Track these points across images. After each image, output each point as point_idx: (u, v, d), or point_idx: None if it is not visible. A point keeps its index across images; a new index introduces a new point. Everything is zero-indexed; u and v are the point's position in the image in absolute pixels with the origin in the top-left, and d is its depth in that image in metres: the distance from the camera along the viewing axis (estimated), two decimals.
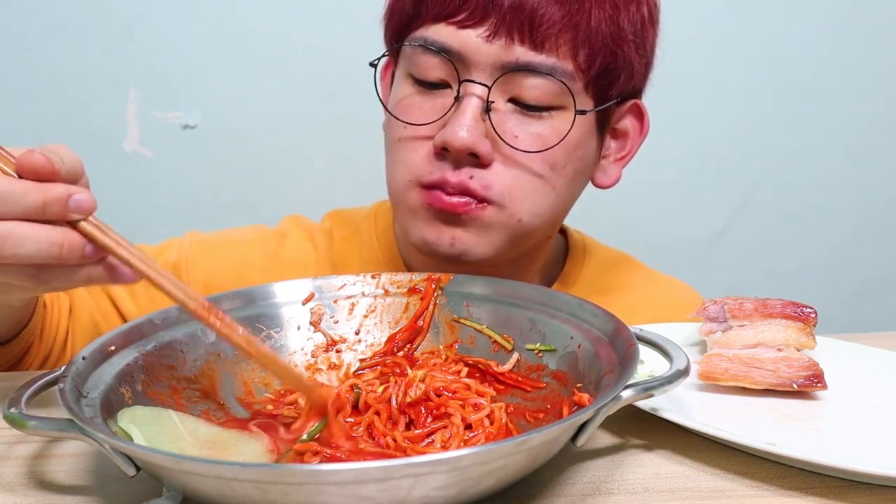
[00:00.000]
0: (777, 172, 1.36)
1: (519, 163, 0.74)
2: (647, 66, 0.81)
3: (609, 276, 0.94)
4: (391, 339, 0.67)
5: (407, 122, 0.75)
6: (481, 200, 0.74)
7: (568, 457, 0.54)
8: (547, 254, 0.90)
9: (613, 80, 0.76)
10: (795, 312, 0.66)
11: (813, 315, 0.66)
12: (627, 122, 0.83)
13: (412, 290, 0.68)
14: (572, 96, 0.73)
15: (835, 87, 1.34)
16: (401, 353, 0.66)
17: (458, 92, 0.73)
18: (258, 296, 0.66)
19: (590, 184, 0.84)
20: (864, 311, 1.42)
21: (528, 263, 0.86)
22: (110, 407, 0.52)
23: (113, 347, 0.56)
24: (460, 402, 0.56)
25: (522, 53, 0.71)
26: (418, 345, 0.67)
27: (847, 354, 0.69)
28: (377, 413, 0.56)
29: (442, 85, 0.75)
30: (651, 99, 1.34)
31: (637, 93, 0.82)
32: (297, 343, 0.66)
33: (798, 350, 0.64)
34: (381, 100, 0.82)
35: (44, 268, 0.51)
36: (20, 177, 0.50)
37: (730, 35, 1.30)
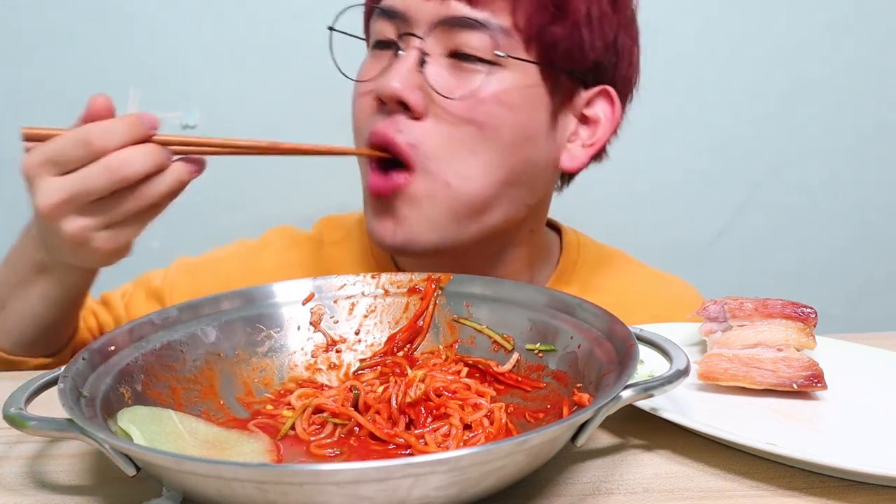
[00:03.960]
0: (777, 172, 1.36)
1: (450, 120, 0.75)
2: (605, 47, 0.79)
3: (605, 273, 0.93)
4: (391, 339, 0.67)
5: (354, 80, 0.80)
6: (405, 166, 0.75)
7: (568, 457, 0.54)
8: (534, 250, 0.89)
9: (557, 46, 0.76)
10: (795, 312, 0.66)
11: (813, 315, 0.66)
12: (599, 110, 0.82)
13: (412, 290, 0.68)
14: (509, 54, 0.74)
15: (835, 88, 1.34)
16: (401, 353, 0.66)
17: (399, 47, 0.76)
18: (258, 296, 0.66)
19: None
20: (864, 311, 1.42)
21: (511, 258, 0.86)
22: (110, 407, 0.52)
23: (113, 347, 0.56)
24: (460, 403, 0.56)
25: (458, 8, 0.74)
26: (418, 345, 0.66)
27: (847, 354, 0.69)
28: (377, 413, 0.56)
29: (390, 45, 0.78)
30: (651, 99, 1.34)
31: (606, 79, 0.81)
32: (297, 343, 0.66)
33: (798, 350, 0.64)
34: (335, 64, 0.83)
35: (148, 183, 0.63)
36: (96, 119, 0.63)
37: (730, 35, 1.30)
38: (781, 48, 1.32)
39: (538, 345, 0.62)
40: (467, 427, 0.54)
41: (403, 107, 0.74)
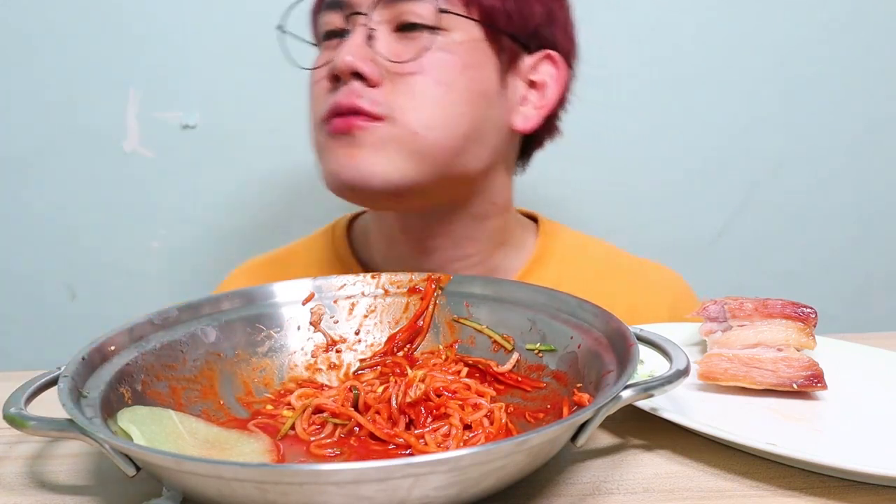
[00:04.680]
0: (777, 172, 1.36)
1: (406, 81, 0.77)
2: (544, 14, 0.84)
3: (582, 261, 0.94)
4: (391, 339, 0.67)
5: (308, 68, 0.83)
6: (373, 117, 0.77)
7: (568, 457, 0.54)
8: (503, 231, 0.91)
9: (497, 9, 0.80)
10: (795, 312, 0.66)
11: (813, 315, 0.66)
12: (544, 74, 0.86)
13: (412, 290, 0.68)
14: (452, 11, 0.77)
15: (836, 87, 1.34)
16: (401, 353, 0.66)
17: (345, 33, 0.79)
18: (258, 296, 0.66)
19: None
20: (864, 311, 1.42)
21: (478, 233, 0.88)
22: (110, 407, 0.52)
23: (113, 347, 0.56)
24: (460, 403, 0.56)
25: None
26: (418, 345, 0.67)
27: (847, 354, 0.69)
28: (377, 413, 0.56)
29: (340, 33, 0.81)
30: (651, 98, 1.34)
31: (547, 45, 0.86)
32: (297, 343, 0.66)
33: (798, 350, 0.64)
34: (288, 57, 0.85)
35: None
36: None
37: (729, 35, 1.30)
38: (781, 48, 1.32)
39: (538, 345, 0.62)
40: (467, 427, 0.54)
41: (359, 78, 0.77)
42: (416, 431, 0.54)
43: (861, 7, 1.32)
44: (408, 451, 0.53)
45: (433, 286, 0.68)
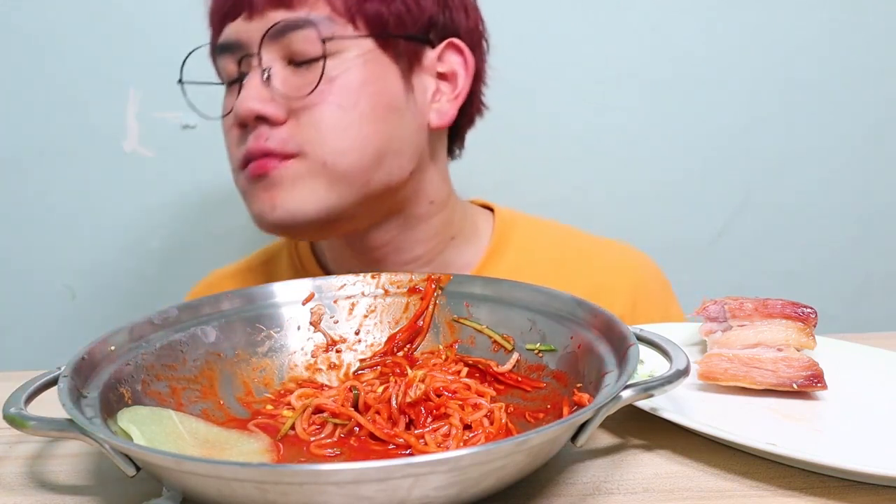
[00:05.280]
0: (777, 172, 1.36)
1: (309, 112, 0.78)
2: (434, 3, 0.83)
3: (541, 246, 0.94)
4: (391, 339, 0.67)
5: (213, 118, 0.84)
6: (283, 157, 0.78)
7: (568, 457, 0.54)
8: (449, 225, 0.90)
9: (383, 16, 0.79)
10: (795, 312, 0.66)
11: (813, 315, 0.66)
12: (452, 63, 0.85)
13: (412, 290, 0.68)
14: (338, 36, 0.77)
15: (835, 87, 1.34)
16: (401, 353, 0.66)
17: (241, 77, 0.80)
18: (258, 296, 0.66)
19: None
20: (864, 311, 1.42)
21: (423, 234, 0.88)
22: (110, 407, 0.52)
23: (113, 347, 0.56)
24: (460, 403, 0.56)
25: (277, 16, 0.77)
26: (418, 345, 0.67)
27: (847, 354, 0.69)
28: (377, 413, 0.56)
29: (239, 78, 0.81)
30: (651, 98, 1.34)
31: (449, 32, 0.85)
32: (297, 343, 0.66)
33: (798, 350, 0.64)
34: (195, 110, 0.87)
35: None
36: None
37: (729, 35, 1.30)
38: (781, 48, 1.32)
39: (538, 345, 0.62)
40: (467, 427, 0.54)
41: (263, 120, 0.78)
42: (416, 431, 0.54)
43: (861, 7, 1.32)
44: (408, 451, 0.53)
45: (433, 286, 0.68)
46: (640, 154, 1.33)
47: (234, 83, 0.82)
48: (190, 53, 0.84)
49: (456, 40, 0.85)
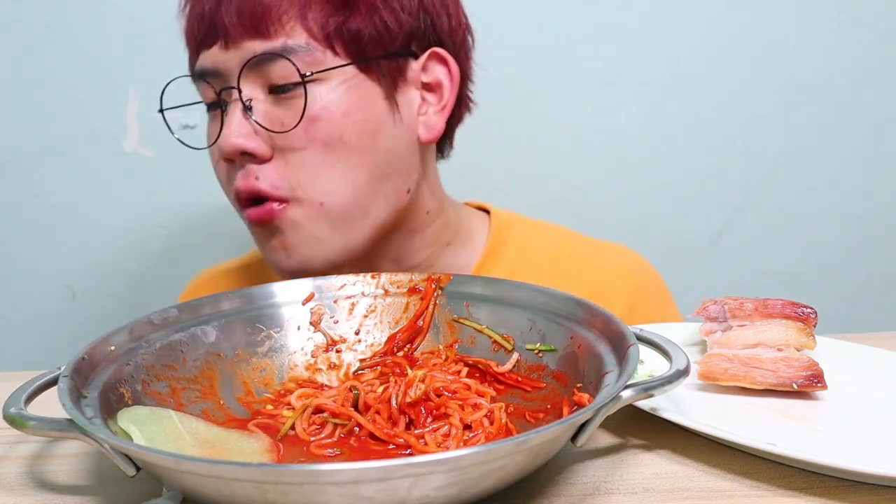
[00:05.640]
0: (777, 172, 1.36)
1: (295, 149, 0.77)
2: (412, 14, 0.80)
3: (538, 248, 0.94)
4: (391, 339, 0.67)
5: (198, 148, 0.83)
6: (279, 200, 0.77)
7: (568, 457, 0.54)
8: (444, 230, 0.90)
9: (361, 38, 0.77)
10: (795, 312, 0.66)
11: (813, 315, 0.66)
12: (436, 73, 0.83)
13: (412, 290, 0.68)
14: (317, 68, 0.76)
15: (835, 87, 1.34)
16: (401, 353, 0.66)
17: (222, 104, 0.78)
18: (258, 296, 0.66)
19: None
20: (864, 311, 1.42)
21: (420, 244, 0.88)
22: (110, 407, 0.52)
23: (113, 347, 0.56)
24: (460, 403, 0.56)
25: (254, 46, 0.75)
26: (418, 345, 0.67)
27: (847, 354, 0.69)
28: (377, 413, 0.56)
29: (218, 104, 0.80)
30: (651, 98, 1.34)
31: (431, 41, 0.82)
32: (297, 343, 0.66)
33: (798, 350, 0.64)
34: (179, 140, 0.86)
35: None
36: None
37: (729, 35, 1.30)
38: (781, 48, 1.32)
39: (538, 345, 0.62)
40: (467, 427, 0.54)
41: (250, 156, 0.77)
42: (416, 431, 0.54)
43: (861, 7, 1.32)
44: (408, 451, 0.53)
45: (433, 286, 0.68)
46: (639, 154, 1.33)
47: (216, 107, 0.81)
48: (168, 84, 0.83)
49: (439, 50, 0.83)
